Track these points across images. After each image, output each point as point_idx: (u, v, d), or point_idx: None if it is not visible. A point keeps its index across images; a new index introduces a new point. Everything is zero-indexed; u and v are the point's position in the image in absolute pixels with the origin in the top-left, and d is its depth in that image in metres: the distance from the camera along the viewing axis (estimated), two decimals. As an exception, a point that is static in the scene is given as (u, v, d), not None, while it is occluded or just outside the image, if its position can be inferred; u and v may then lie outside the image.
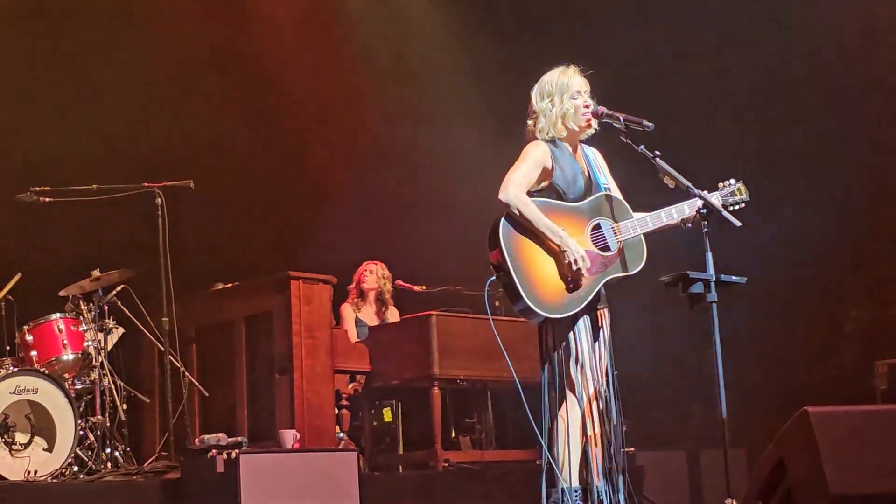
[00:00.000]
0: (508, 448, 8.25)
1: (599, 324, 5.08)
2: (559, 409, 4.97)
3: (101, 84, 8.68)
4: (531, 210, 4.96)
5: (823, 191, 9.14)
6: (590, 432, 4.94)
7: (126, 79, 8.78)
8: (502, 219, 4.98)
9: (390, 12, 9.81)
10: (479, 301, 5.22)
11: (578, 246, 4.93)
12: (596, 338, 5.04)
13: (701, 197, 4.97)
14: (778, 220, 8.77)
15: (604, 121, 5.13)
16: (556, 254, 4.96)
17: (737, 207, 5.17)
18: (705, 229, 4.90)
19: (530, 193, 5.07)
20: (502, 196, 4.99)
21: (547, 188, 5.09)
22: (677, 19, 9.23)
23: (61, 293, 7.35)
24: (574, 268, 4.90)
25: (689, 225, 5.10)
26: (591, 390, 4.95)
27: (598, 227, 5.06)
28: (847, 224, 9.16)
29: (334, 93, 9.66)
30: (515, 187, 4.99)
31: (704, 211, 4.93)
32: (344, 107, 9.68)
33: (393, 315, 8.79)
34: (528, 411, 5.06)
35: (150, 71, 8.85)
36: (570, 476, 4.91)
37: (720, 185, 5.25)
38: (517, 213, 4.95)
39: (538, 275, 4.93)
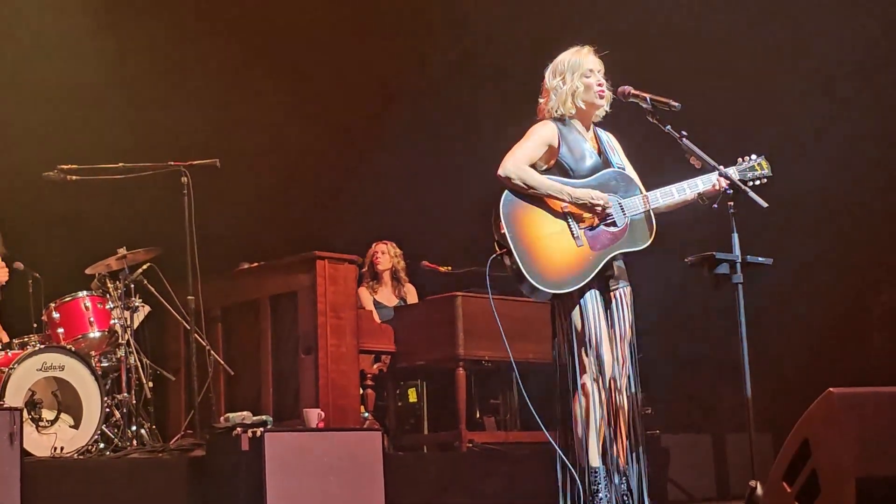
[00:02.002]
0: (533, 429, 8.24)
1: (616, 302, 5.05)
2: (574, 388, 4.96)
3: (128, 63, 8.69)
4: (531, 176, 4.96)
5: (856, 172, 9.05)
6: (604, 412, 4.93)
7: (152, 58, 8.79)
8: (503, 194, 4.97)
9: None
10: (506, 282, 5.21)
11: (588, 190, 4.93)
12: (610, 316, 5.02)
13: (727, 177, 4.94)
14: (806, 201, 8.70)
15: (630, 100, 5.12)
16: (562, 227, 4.94)
17: (757, 183, 5.12)
18: (731, 210, 4.87)
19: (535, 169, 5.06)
20: (500, 171, 5.00)
21: (554, 166, 5.08)
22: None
23: (88, 271, 7.38)
24: (598, 210, 4.89)
25: (716, 205, 5.07)
26: (606, 369, 4.93)
27: None
28: (878, 206, 9.08)
29: (360, 72, 9.64)
30: (514, 161, 5.00)
31: (731, 191, 4.90)
32: (371, 85, 9.67)
33: (410, 292, 8.81)
34: (525, 395, 5.08)
35: (175, 51, 8.85)
36: (586, 456, 4.91)
37: (739, 160, 5.21)
38: (519, 182, 4.95)
39: (541, 251, 4.93)
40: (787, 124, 8.95)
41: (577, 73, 5.13)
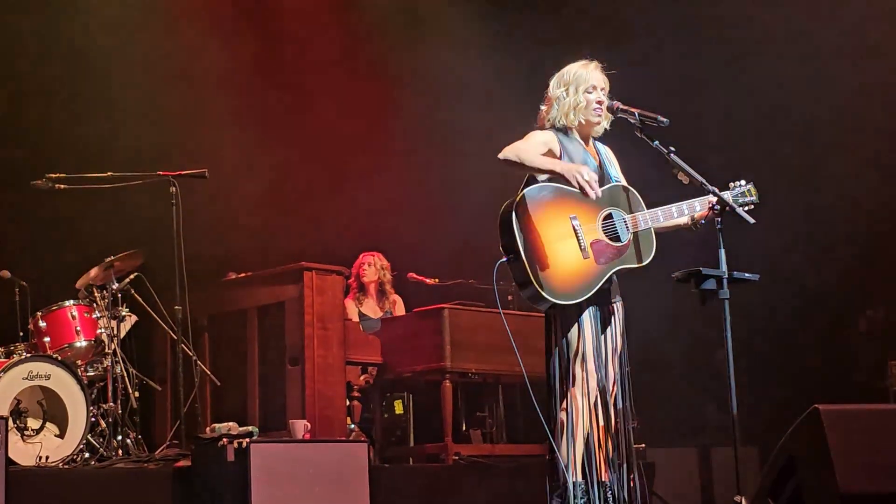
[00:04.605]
0: (519, 442, 8.26)
1: (612, 316, 5.06)
2: (564, 402, 4.96)
3: (117, 72, 8.69)
4: (527, 153, 4.95)
5: (840, 188, 9.10)
6: (593, 426, 4.93)
7: (142, 67, 8.79)
8: (517, 200, 4.95)
9: (407, 9, 9.84)
10: (493, 295, 5.20)
11: (572, 165, 4.92)
12: (604, 331, 5.03)
13: (715, 193, 4.96)
14: (793, 218, 8.74)
15: (618, 115, 5.13)
16: (571, 238, 4.94)
17: (746, 209, 5.14)
18: (718, 226, 4.89)
19: (539, 178, 5.05)
20: (500, 155, 4.99)
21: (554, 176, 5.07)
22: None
23: (78, 285, 7.37)
24: (580, 183, 4.87)
25: (699, 225, 5.13)
26: (596, 384, 4.94)
27: (609, 216, 5.05)
28: (863, 222, 9.12)
29: (350, 84, 9.67)
30: (512, 146, 5.00)
31: (718, 208, 4.93)
32: (360, 98, 9.69)
33: (397, 304, 8.80)
34: (537, 407, 5.06)
35: (165, 60, 8.85)
36: (572, 470, 4.90)
37: (731, 184, 5.25)
38: (514, 158, 4.94)
39: (549, 260, 4.91)
40: (773, 143, 9.01)
41: (582, 87, 5.14)
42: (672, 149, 4.96)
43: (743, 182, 5.26)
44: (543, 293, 4.88)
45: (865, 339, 9.45)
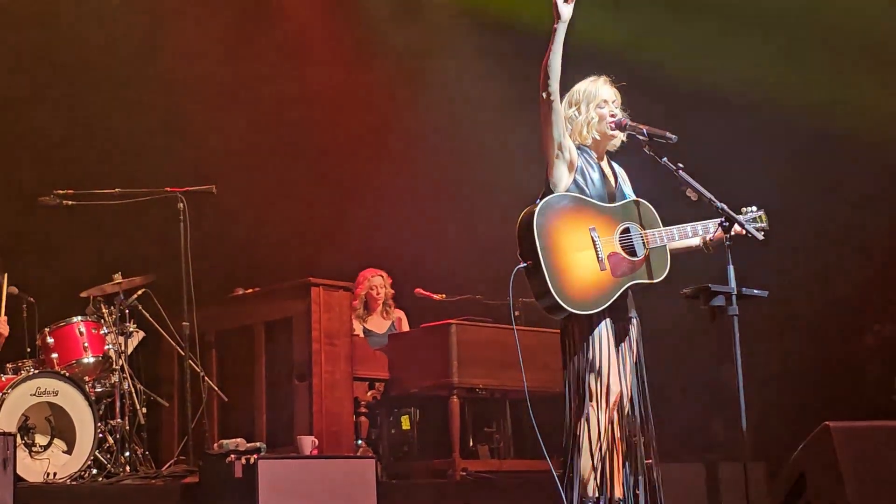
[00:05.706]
0: (527, 458, 8.24)
1: (627, 331, 5.05)
2: (580, 416, 4.94)
3: (124, 88, 8.72)
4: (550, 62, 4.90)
5: (847, 204, 9.10)
6: (608, 442, 4.92)
7: (150, 83, 8.82)
8: (537, 208, 4.93)
9: (411, 14, 9.84)
10: (500, 310, 5.19)
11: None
12: (620, 344, 5.02)
13: (723, 210, 4.95)
14: (800, 234, 8.73)
15: (627, 132, 5.13)
16: (589, 248, 4.93)
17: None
18: (727, 242, 4.89)
19: (556, 189, 5.03)
20: (542, 94, 4.93)
21: (572, 183, 5.06)
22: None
23: (82, 294, 7.38)
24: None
25: (712, 248, 5.13)
26: (612, 399, 4.92)
27: (627, 230, 5.04)
28: (870, 237, 9.12)
29: (357, 99, 9.68)
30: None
31: (727, 224, 4.92)
32: (366, 112, 9.70)
33: (399, 320, 8.80)
34: (535, 426, 5.05)
35: (173, 76, 8.88)
36: (586, 486, 4.89)
37: (743, 209, 5.24)
38: (548, 79, 4.89)
39: (567, 268, 4.88)
40: (779, 161, 9.01)
41: (593, 103, 5.13)
42: (681, 165, 4.96)
43: (754, 208, 5.26)
44: (560, 301, 4.85)
45: (873, 355, 9.43)
